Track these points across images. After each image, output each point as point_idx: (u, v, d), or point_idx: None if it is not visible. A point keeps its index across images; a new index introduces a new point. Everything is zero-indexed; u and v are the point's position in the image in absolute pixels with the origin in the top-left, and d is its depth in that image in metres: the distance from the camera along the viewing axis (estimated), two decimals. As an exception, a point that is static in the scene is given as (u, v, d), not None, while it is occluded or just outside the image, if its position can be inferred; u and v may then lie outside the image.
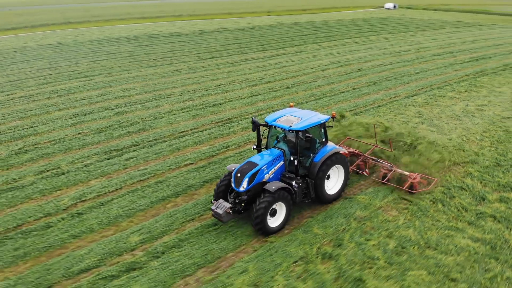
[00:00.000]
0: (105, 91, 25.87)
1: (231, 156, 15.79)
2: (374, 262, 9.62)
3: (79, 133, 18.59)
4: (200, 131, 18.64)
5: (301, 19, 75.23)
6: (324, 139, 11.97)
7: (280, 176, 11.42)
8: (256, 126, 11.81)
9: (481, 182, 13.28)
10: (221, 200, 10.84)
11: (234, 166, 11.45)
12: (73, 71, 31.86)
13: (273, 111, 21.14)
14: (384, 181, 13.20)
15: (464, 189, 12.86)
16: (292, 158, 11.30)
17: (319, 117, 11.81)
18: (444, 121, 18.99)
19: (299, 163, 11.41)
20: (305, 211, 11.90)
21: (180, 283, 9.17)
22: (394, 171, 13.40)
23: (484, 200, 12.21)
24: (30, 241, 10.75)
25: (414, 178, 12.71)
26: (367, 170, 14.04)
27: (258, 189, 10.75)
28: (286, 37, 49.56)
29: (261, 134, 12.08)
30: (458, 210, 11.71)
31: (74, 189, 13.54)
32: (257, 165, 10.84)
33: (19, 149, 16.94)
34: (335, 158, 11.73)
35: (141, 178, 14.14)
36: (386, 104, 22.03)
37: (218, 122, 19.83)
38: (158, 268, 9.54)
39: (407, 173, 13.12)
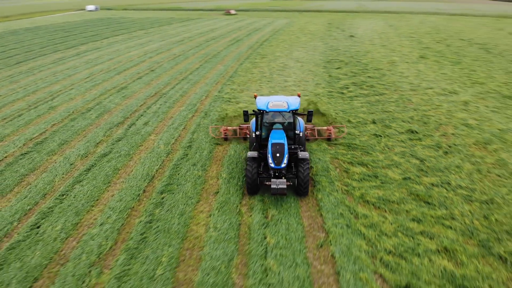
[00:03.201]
0: (-20, 99, 24.56)
1: (216, 95, 23.07)
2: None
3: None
4: (163, 95, 24.22)
5: (21, 25, 72.07)
6: None
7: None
8: (255, 115, 13.57)
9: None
10: (273, 180, 12.12)
11: (253, 153, 12.97)
12: None
13: (176, 85, 27.90)
14: (316, 138, 17.27)
15: (342, 93, 25.65)
16: (298, 132, 13.55)
17: (296, 98, 14.29)
18: (279, 72, 31.44)
19: (300, 135, 13.91)
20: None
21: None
22: (316, 129, 17.63)
23: (348, 88, 25.41)
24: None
25: (331, 130, 17.58)
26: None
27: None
28: (54, 40, 50.39)
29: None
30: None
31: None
32: (284, 144, 12.46)
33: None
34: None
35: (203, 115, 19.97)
36: (239, 67, 32.55)
37: (157, 94, 25.23)
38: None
39: (325, 128, 17.82)
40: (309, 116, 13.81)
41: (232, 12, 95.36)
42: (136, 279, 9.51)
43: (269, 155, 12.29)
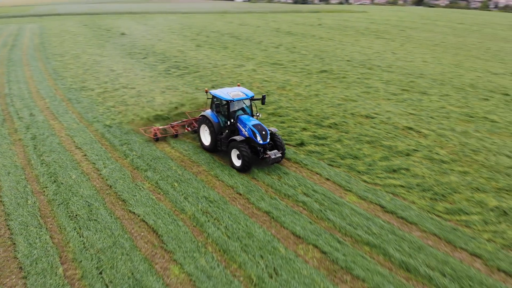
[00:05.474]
0: None
1: (64, 87, 25.88)
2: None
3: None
4: (11, 96, 24.92)
5: None
6: None
7: None
8: (227, 105, 15.66)
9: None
10: (269, 152, 14.90)
11: (240, 137, 15.04)
12: None
13: (9, 88, 28.46)
14: None
15: (170, 74, 32.34)
16: (258, 115, 16.53)
17: (241, 87, 16.73)
18: (98, 65, 35.10)
19: (259, 116, 16.93)
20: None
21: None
22: None
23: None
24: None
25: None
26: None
27: None
28: None
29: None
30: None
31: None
32: (261, 124, 15.25)
33: None
34: None
35: (75, 102, 22.94)
36: (50, 66, 34.18)
37: (1, 96, 25.69)
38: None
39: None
40: (263, 99, 16.35)
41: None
42: (173, 173, 15.09)
43: (256, 135, 14.83)
